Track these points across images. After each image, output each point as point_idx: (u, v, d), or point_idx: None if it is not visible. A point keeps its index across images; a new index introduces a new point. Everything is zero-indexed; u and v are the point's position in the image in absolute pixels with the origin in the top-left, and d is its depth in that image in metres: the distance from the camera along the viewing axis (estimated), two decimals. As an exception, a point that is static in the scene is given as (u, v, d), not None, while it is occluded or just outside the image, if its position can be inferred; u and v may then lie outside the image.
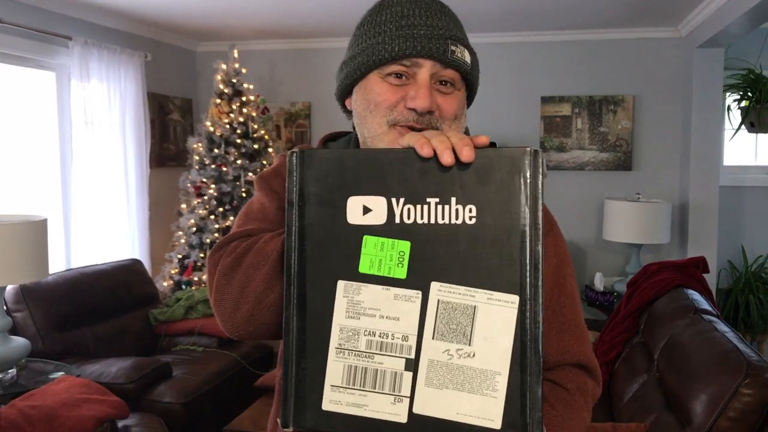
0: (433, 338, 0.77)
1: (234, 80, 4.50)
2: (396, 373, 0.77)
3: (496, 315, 0.76)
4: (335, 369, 0.77)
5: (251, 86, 4.61)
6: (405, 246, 0.76)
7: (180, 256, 4.50)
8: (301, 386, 0.77)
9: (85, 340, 3.48)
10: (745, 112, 4.04)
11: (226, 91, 4.49)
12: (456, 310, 0.76)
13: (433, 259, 0.76)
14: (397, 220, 0.76)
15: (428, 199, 0.76)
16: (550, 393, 1.02)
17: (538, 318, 0.76)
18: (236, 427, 2.87)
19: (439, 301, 0.77)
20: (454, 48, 1.01)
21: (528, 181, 0.76)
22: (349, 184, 0.77)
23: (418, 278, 0.76)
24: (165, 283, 4.50)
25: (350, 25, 4.54)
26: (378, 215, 0.76)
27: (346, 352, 0.77)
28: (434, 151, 0.77)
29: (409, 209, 0.76)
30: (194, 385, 3.28)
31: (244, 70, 4.58)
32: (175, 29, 4.81)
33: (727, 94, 4.30)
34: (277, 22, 4.51)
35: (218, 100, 4.51)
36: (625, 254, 4.66)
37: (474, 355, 0.76)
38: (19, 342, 2.97)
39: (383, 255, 0.76)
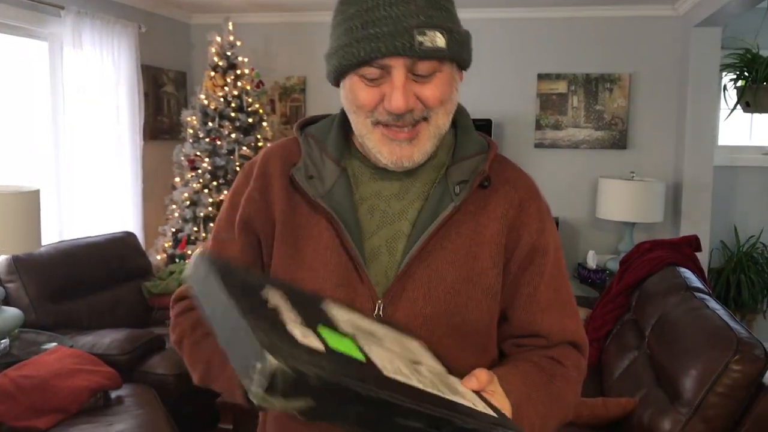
0: None
1: (228, 53, 4.46)
2: None
3: None
4: None
5: (246, 59, 4.57)
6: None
7: (174, 230, 4.49)
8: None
9: (78, 312, 3.48)
10: (740, 92, 4.03)
11: (220, 63, 4.45)
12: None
13: None
14: None
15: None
16: (552, 368, 1.04)
17: None
18: (229, 400, 2.87)
19: None
20: (422, 38, 0.94)
21: None
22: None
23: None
24: (158, 257, 4.49)
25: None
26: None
27: None
28: None
29: None
30: (187, 357, 3.28)
31: (238, 43, 4.53)
32: (169, 0, 4.75)
33: (724, 73, 4.28)
34: (272, -6, 4.45)
35: (212, 73, 4.47)
36: (618, 232, 4.67)
37: None
38: (12, 312, 2.96)
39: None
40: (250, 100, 4.49)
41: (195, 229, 4.42)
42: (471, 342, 1.03)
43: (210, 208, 4.37)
